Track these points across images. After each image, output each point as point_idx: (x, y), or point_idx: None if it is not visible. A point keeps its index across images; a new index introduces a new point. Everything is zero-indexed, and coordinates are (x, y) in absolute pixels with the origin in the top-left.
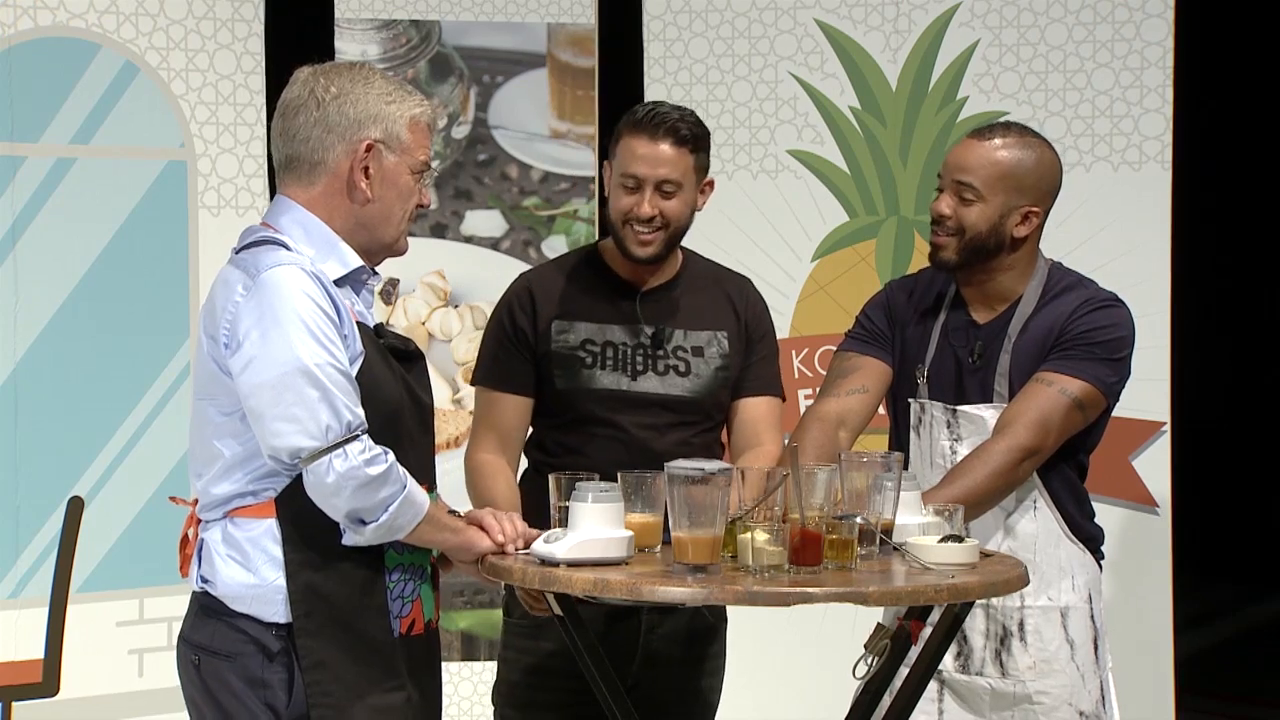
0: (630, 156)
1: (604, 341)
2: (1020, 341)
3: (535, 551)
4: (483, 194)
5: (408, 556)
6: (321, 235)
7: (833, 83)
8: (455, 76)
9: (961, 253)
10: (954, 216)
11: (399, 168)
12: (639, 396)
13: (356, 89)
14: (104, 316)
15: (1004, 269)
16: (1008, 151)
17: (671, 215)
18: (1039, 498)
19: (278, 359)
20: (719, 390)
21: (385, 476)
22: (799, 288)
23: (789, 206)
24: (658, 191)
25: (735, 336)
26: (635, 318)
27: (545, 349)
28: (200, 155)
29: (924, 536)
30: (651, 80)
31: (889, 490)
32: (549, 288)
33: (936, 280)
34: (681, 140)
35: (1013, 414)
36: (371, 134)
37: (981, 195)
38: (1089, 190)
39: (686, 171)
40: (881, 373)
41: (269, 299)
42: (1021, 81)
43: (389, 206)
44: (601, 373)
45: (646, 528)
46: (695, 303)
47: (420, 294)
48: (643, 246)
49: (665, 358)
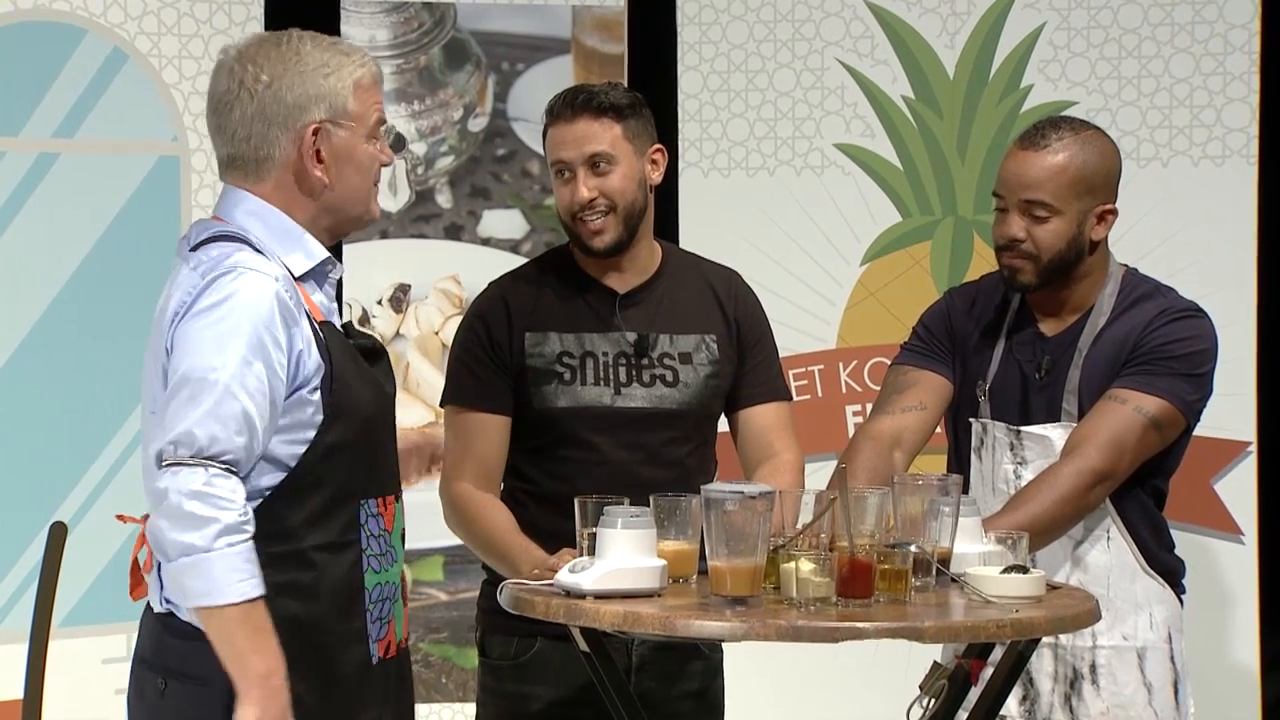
0: (554, 145)
1: (583, 353)
2: (1092, 355)
3: (560, 582)
4: (501, 192)
5: (383, 573)
6: (282, 227)
7: (884, 70)
8: (472, 64)
9: (1042, 274)
10: (1028, 239)
11: (352, 140)
12: (625, 412)
13: (289, 70)
14: (89, 325)
15: (1080, 277)
16: (1069, 154)
17: (613, 192)
18: (1112, 526)
19: (196, 362)
20: (710, 400)
21: (199, 521)
22: (847, 294)
23: (836, 206)
24: (590, 170)
25: (725, 340)
26: (615, 324)
27: (519, 365)
28: (194, 150)
29: (985, 567)
30: (686, 68)
31: (947, 516)
32: (523, 296)
33: (1000, 288)
34: (600, 110)
35: (1083, 434)
36: (316, 115)
37: (1056, 209)
38: (1166, 188)
39: (615, 141)
40: (940, 388)
41: (216, 305)
42: (1091, 68)
43: (351, 184)
44: (582, 388)
45: (681, 556)
46: (679, 302)
47: (433, 301)
48: (595, 236)
49: (651, 366)
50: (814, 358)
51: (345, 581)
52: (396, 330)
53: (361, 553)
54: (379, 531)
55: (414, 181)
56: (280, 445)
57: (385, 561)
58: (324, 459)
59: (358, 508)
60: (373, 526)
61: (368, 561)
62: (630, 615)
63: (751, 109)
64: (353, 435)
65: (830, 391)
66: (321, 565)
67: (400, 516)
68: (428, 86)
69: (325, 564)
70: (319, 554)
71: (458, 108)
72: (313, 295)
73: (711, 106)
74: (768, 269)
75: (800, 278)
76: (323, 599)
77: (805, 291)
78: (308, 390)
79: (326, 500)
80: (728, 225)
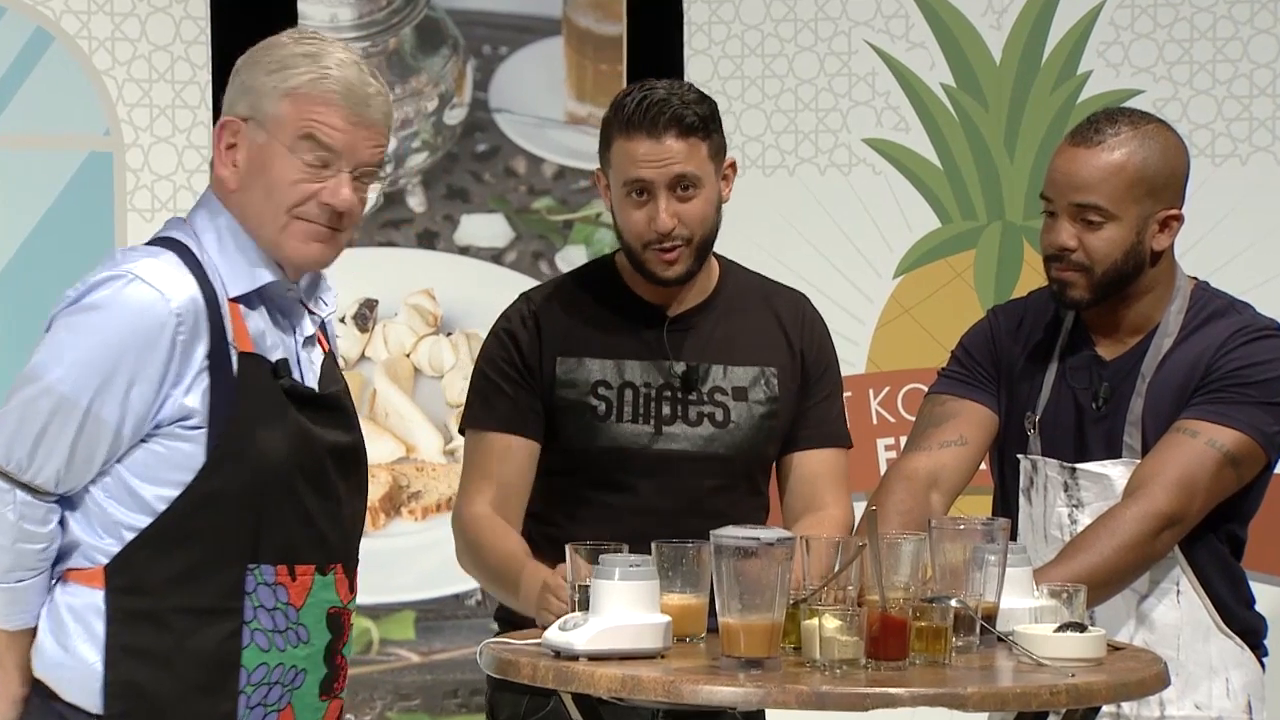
0: (629, 161)
1: (621, 383)
2: (1157, 381)
3: (549, 641)
4: (482, 194)
5: (276, 653)
6: (233, 240)
7: (921, 54)
8: (448, 47)
9: (1096, 289)
10: (1079, 248)
11: (269, 149)
12: (668, 455)
13: (253, 58)
14: (10, 340)
15: (1141, 292)
16: (1127, 151)
17: (695, 220)
18: (1182, 578)
19: (36, 364)
20: (765, 444)
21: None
22: (878, 311)
23: (866, 209)
24: (673, 195)
25: (788, 373)
26: (662, 351)
27: (549, 394)
28: (130, 145)
29: (1036, 625)
30: (693, 51)
31: (992, 566)
32: (556, 312)
33: (1051, 305)
34: (689, 128)
35: (1148, 473)
36: (240, 110)
37: (1111, 214)
38: (1244, 189)
39: (703, 163)
40: (984, 421)
41: (87, 309)
42: (1159, 52)
43: (259, 199)
44: (619, 425)
45: (688, 611)
46: (737, 329)
47: (404, 318)
48: (669, 266)
49: (699, 402)
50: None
51: (212, 655)
52: (361, 352)
53: (243, 624)
54: (276, 605)
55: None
56: (144, 485)
57: (286, 640)
58: (198, 510)
59: (243, 572)
60: (264, 597)
61: (252, 636)
62: (629, 680)
63: (768, 99)
64: (240, 487)
65: (859, 423)
66: (181, 631)
67: (327, 591)
68: (398, 73)
69: (187, 630)
70: (181, 618)
71: (432, 97)
72: (251, 320)
73: (723, 96)
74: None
75: (824, 292)
76: (177, 670)
77: (830, 308)
78: (184, 427)
79: (198, 557)
80: (740, 232)
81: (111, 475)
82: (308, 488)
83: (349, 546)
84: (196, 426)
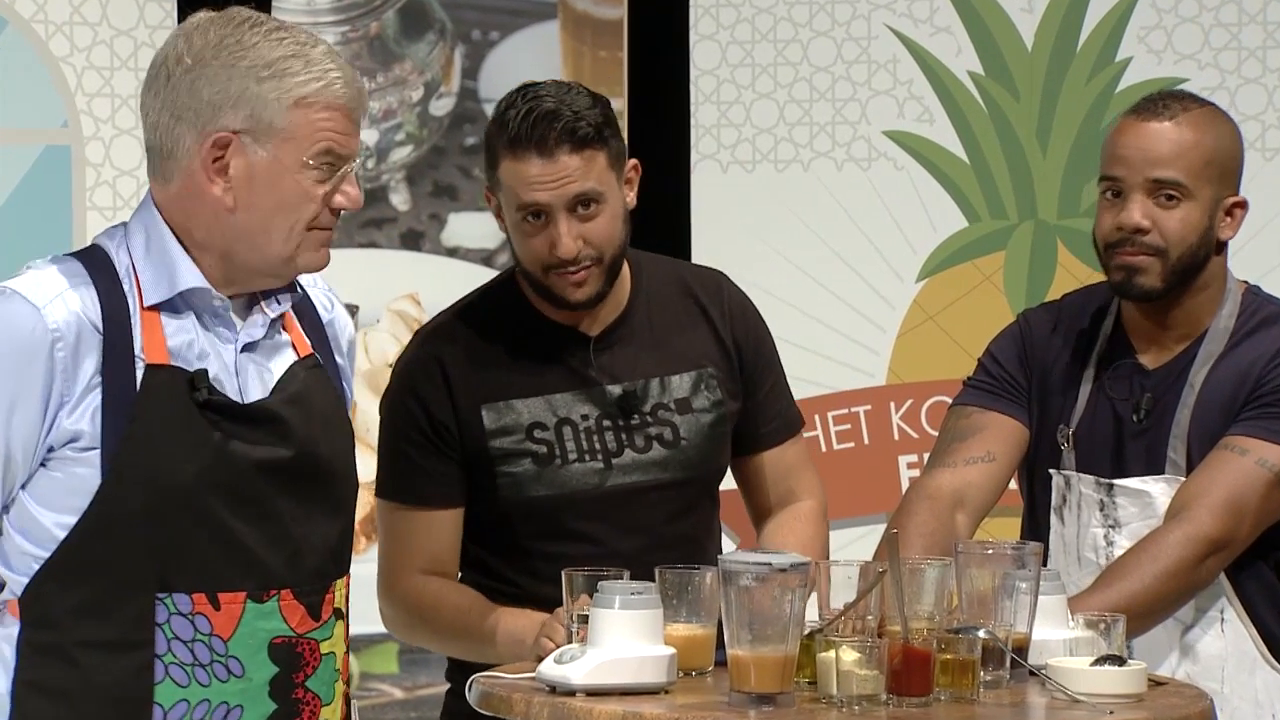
0: (520, 184)
1: (557, 420)
2: (1205, 393)
3: (544, 675)
4: (471, 191)
5: (198, 688)
6: (159, 246)
7: (946, 40)
8: (434, 32)
9: (1170, 276)
10: (1154, 229)
11: (276, 166)
12: (622, 490)
13: (220, 59)
14: None
15: (1198, 290)
16: (1198, 130)
17: (602, 240)
18: (1227, 607)
19: None
20: (718, 455)
21: None
22: (900, 317)
23: (886, 208)
24: (573, 216)
25: (724, 370)
26: (592, 378)
27: (478, 448)
28: (90, 138)
29: (1072, 657)
30: (700, 36)
31: (1024, 594)
32: (463, 356)
33: (1088, 308)
34: (584, 140)
35: (1193, 493)
36: (230, 123)
37: (1189, 192)
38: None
39: (602, 175)
40: (1013, 435)
41: None
42: (1205, 37)
43: (265, 217)
44: (565, 468)
45: (693, 643)
46: (665, 332)
47: (387, 326)
48: (577, 289)
49: (643, 425)
50: (859, 396)
51: (122, 691)
52: None
53: (156, 658)
54: (196, 636)
55: (362, 178)
56: (45, 513)
57: (210, 674)
58: (97, 536)
59: (152, 602)
60: (180, 628)
61: (166, 670)
62: (630, 716)
63: (781, 88)
64: (140, 510)
65: (880, 438)
66: (88, 667)
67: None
68: (380, 60)
69: (94, 666)
70: (86, 652)
71: (417, 86)
72: (171, 330)
73: (732, 85)
74: (801, 286)
75: (842, 298)
76: (84, 707)
77: (848, 314)
78: (75, 449)
79: (102, 587)
80: (751, 232)
81: (17, 504)
82: (228, 509)
83: (301, 569)
84: (88, 447)
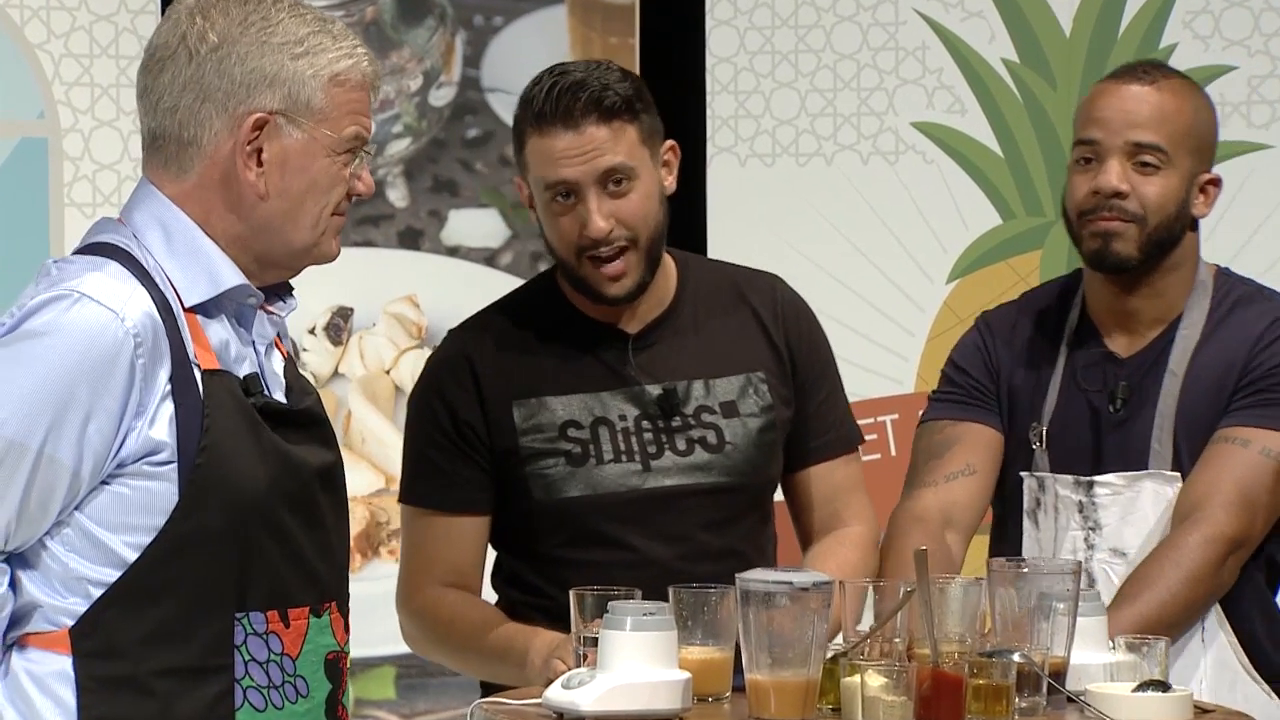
0: (547, 161)
1: (594, 419)
2: (1189, 380)
3: (551, 701)
4: (473, 186)
5: (274, 712)
6: (187, 242)
7: (979, 25)
8: (434, 17)
9: (1146, 246)
10: (1132, 194)
11: (310, 148)
12: (660, 493)
13: (249, 35)
14: None
15: (1170, 270)
16: (1179, 98)
17: (635, 218)
18: (1209, 615)
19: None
20: (768, 461)
21: None
22: (929, 320)
23: (915, 204)
24: (604, 192)
25: (777, 374)
26: (630, 376)
27: (507, 446)
28: (68, 130)
29: (1112, 682)
30: (716, 21)
31: (1061, 615)
32: (495, 353)
33: (1050, 300)
34: (612, 111)
35: (1203, 491)
36: (266, 103)
37: (1169, 158)
38: None
39: (634, 149)
40: (990, 443)
41: (30, 336)
42: (1255, 22)
43: (295, 203)
44: (600, 468)
45: (710, 667)
46: (712, 334)
47: (384, 329)
48: (614, 282)
49: (686, 427)
50: (886, 404)
51: (202, 719)
52: (334, 368)
53: (235, 683)
54: (270, 656)
55: None
56: (110, 534)
57: (283, 696)
58: (175, 556)
59: (230, 623)
60: (256, 649)
61: (245, 695)
62: None
63: (803, 76)
64: (221, 526)
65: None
66: (166, 696)
67: (323, 635)
68: (376, 47)
69: (172, 695)
70: (164, 681)
71: (416, 75)
72: (211, 332)
73: (750, 73)
74: (825, 288)
75: (869, 300)
76: None
77: (875, 317)
78: (152, 463)
79: (179, 610)
80: (771, 230)
81: (71, 525)
82: (295, 519)
83: (342, 580)
84: (166, 461)
